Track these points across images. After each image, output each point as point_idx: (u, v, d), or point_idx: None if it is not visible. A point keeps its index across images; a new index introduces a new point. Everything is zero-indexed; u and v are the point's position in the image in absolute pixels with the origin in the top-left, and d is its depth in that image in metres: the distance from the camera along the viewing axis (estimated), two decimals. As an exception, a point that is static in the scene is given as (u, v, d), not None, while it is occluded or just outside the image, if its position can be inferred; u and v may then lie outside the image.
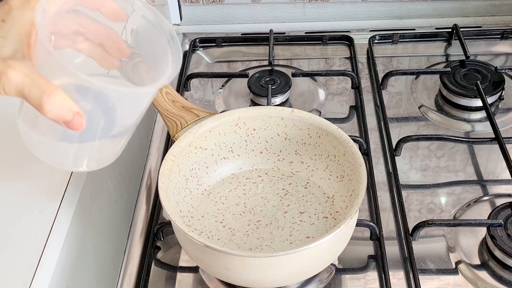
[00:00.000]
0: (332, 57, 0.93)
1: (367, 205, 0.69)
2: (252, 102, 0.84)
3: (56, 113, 0.44)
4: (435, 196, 0.70)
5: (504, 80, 0.82)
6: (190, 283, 0.63)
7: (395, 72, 0.85)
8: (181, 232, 0.54)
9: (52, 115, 0.44)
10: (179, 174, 0.63)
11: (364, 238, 0.65)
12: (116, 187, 0.75)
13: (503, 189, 0.71)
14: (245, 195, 0.66)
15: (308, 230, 0.62)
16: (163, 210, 0.68)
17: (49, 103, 0.43)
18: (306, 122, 0.66)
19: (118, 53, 0.51)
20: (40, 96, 0.43)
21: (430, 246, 0.65)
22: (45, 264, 0.55)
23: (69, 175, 0.63)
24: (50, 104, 0.43)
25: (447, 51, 0.94)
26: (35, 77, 0.43)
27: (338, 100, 0.85)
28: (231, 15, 1.00)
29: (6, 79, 0.42)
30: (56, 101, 0.43)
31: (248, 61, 0.93)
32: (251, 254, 0.56)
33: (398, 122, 0.81)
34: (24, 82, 0.43)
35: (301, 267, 0.55)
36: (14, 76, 0.42)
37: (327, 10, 0.99)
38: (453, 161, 0.75)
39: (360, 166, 0.59)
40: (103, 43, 0.51)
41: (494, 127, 0.74)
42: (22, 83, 0.43)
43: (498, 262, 0.62)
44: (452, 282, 0.61)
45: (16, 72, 0.42)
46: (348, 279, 0.62)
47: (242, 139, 0.68)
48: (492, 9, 0.99)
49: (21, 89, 0.43)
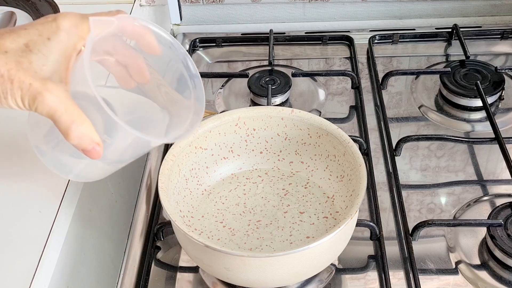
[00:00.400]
0: (332, 57, 0.93)
1: (367, 205, 0.69)
2: (252, 102, 0.84)
3: (79, 141, 0.45)
4: (435, 196, 0.70)
5: (504, 80, 0.82)
6: (190, 283, 0.63)
7: (395, 72, 0.85)
8: (181, 232, 0.54)
9: (74, 143, 0.46)
10: (179, 174, 0.63)
11: (364, 238, 0.65)
12: (116, 187, 0.75)
13: (503, 189, 0.71)
14: (245, 195, 0.66)
15: (308, 230, 0.62)
16: (163, 210, 0.68)
17: (76, 132, 0.45)
18: (306, 122, 0.66)
19: (138, 78, 0.53)
20: (69, 125, 0.44)
21: (430, 246, 0.65)
22: (45, 264, 0.55)
23: (69, 175, 0.63)
24: (76, 133, 0.45)
25: (447, 51, 0.94)
26: (68, 105, 0.44)
27: (338, 100, 0.85)
28: (231, 15, 1.00)
29: (41, 101, 0.44)
30: (82, 131, 0.45)
31: (248, 61, 0.93)
32: (251, 254, 0.56)
33: (398, 122, 0.81)
34: (57, 107, 0.44)
35: (301, 267, 0.55)
36: (49, 100, 0.43)
37: (327, 10, 0.99)
38: (453, 161, 0.75)
39: (360, 166, 0.59)
40: (127, 65, 0.53)
41: (494, 127, 0.74)
42: (55, 108, 0.44)
43: (498, 262, 0.62)
44: (452, 282, 0.61)
45: (52, 95, 0.44)
46: (348, 279, 0.62)
47: (242, 139, 0.68)
48: (492, 9, 0.99)
49: (53, 113, 0.44)
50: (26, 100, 0.44)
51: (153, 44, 0.51)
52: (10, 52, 0.44)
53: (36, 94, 0.43)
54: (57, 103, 0.44)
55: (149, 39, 0.50)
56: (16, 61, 0.43)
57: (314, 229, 0.62)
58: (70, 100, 0.44)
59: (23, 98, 0.44)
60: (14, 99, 0.44)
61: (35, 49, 0.44)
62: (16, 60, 0.43)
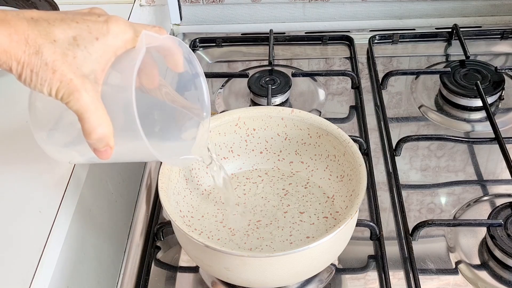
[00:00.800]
0: (332, 57, 0.93)
1: (367, 205, 0.69)
2: (252, 102, 0.84)
3: (95, 143, 0.46)
4: (435, 196, 0.70)
5: (504, 80, 0.82)
6: (190, 283, 0.63)
7: (395, 72, 0.85)
8: (181, 232, 0.54)
9: (91, 142, 0.46)
10: (179, 174, 0.63)
11: (364, 238, 0.65)
12: (116, 187, 0.75)
13: (503, 189, 0.71)
14: (245, 195, 0.66)
15: (308, 230, 0.62)
16: (163, 210, 0.68)
17: (98, 135, 0.45)
18: (306, 122, 0.66)
19: (148, 82, 0.54)
20: (94, 127, 0.45)
21: (430, 246, 0.65)
22: (45, 264, 0.55)
23: (69, 175, 0.63)
24: (97, 136, 0.45)
25: (447, 51, 0.94)
26: (98, 107, 0.45)
27: (338, 100, 0.85)
28: (231, 15, 1.00)
29: (77, 98, 0.44)
30: (103, 135, 0.46)
31: (248, 61, 0.93)
32: (251, 254, 0.56)
33: (398, 122, 0.81)
34: (88, 107, 0.44)
35: (301, 267, 0.55)
36: (84, 99, 0.44)
37: (327, 10, 0.99)
38: (453, 161, 0.75)
39: (360, 166, 0.59)
40: (142, 70, 0.53)
41: (494, 127, 0.74)
42: (87, 108, 0.44)
43: (498, 262, 0.62)
44: (452, 282, 0.61)
45: (88, 95, 0.44)
46: (348, 279, 0.62)
47: (242, 139, 0.68)
48: (492, 9, 0.99)
49: (83, 111, 0.45)
50: (61, 93, 0.44)
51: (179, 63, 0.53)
52: (59, 42, 0.44)
53: (74, 91, 0.44)
54: (90, 103, 0.44)
55: (178, 59, 0.52)
56: (62, 53, 0.44)
57: (314, 229, 0.62)
58: (100, 103, 0.45)
59: (59, 90, 0.44)
60: (49, 87, 0.44)
61: (82, 45, 0.45)
62: (62, 52, 0.44)
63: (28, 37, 0.43)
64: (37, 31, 0.43)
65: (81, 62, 0.45)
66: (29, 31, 0.43)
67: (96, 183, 0.68)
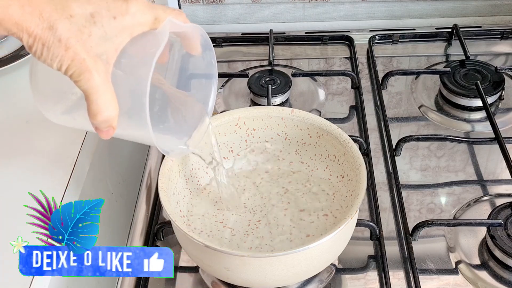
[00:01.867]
0: (332, 57, 0.93)
1: (367, 205, 0.69)
2: (252, 102, 0.84)
3: (99, 124, 0.45)
4: (435, 196, 0.70)
5: (504, 80, 0.82)
6: (190, 283, 0.63)
7: (395, 72, 0.85)
8: (181, 232, 0.54)
9: (95, 123, 0.45)
10: (179, 174, 0.63)
11: (364, 238, 0.65)
12: (116, 187, 0.75)
13: (503, 189, 0.71)
14: (245, 195, 0.66)
15: (308, 228, 0.62)
16: (163, 210, 0.68)
17: (103, 117, 0.44)
18: (306, 122, 0.66)
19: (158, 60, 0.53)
20: (101, 109, 0.44)
21: (430, 246, 0.65)
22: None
23: (69, 175, 0.63)
24: (102, 118, 0.44)
25: (447, 51, 0.94)
26: (107, 89, 0.44)
27: (338, 100, 0.85)
28: (231, 15, 1.00)
29: (87, 78, 0.43)
30: (108, 118, 0.45)
31: (248, 61, 0.93)
32: (251, 254, 0.56)
33: (398, 122, 0.81)
34: (98, 88, 0.43)
35: (301, 267, 0.55)
36: (94, 80, 0.43)
37: (327, 10, 0.99)
38: (453, 161, 0.75)
39: (360, 166, 0.59)
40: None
41: (494, 127, 0.74)
42: (96, 88, 0.43)
43: (498, 262, 0.62)
44: (452, 282, 0.61)
45: (99, 77, 0.43)
46: (348, 279, 0.62)
47: (242, 139, 0.68)
48: (492, 9, 0.99)
49: (92, 92, 0.43)
50: (71, 71, 0.43)
51: (197, 48, 0.52)
52: (75, 18, 0.42)
53: (85, 71, 0.42)
54: (99, 85, 0.43)
55: (195, 43, 0.52)
56: (78, 30, 0.42)
57: (314, 227, 0.62)
58: (110, 85, 0.44)
59: (69, 68, 0.42)
60: (60, 64, 0.42)
61: (99, 23, 0.43)
62: (78, 29, 0.42)
63: (43, 10, 0.41)
64: (53, 5, 0.42)
65: (95, 40, 0.43)
66: (44, 4, 0.41)
67: (96, 183, 0.68)
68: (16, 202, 0.61)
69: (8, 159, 0.65)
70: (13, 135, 0.68)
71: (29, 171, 0.63)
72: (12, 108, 0.72)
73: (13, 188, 0.62)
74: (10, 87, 0.76)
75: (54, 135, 0.68)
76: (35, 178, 0.63)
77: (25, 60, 0.77)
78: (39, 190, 0.46)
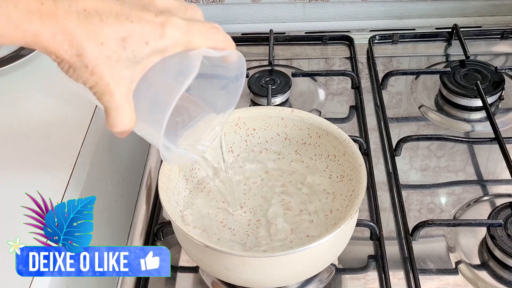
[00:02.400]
0: (332, 57, 0.93)
1: (367, 205, 0.69)
2: (252, 102, 0.84)
3: (114, 132, 0.45)
4: (435, 196, 0.70)
5: (504, 80, 0.82)
6: (190, 283, 0.63)
7: (395, 72, 0.85)
8: (181, 232, 0.54)
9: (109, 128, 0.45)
10: (179, 174, 0.63)
11: (364, 238, 0.65)
12: (116, 187, 0.75)
13: (503, 189, 0.71)
14: (245, 195, 0.66)
15: (308, 228, 0.61)
16: (163, 210, 0.68)
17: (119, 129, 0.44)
18: (306, 122, 0.66)
19: None
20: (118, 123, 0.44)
21: (430, 246, 0.65)
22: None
23: (69, 175, 0.63)
24: (119, 129, 0.44)
25: (447, 51, 0.94)
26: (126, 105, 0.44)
27: (338, 100, 0.85)
28: (231, 15, 1.00)
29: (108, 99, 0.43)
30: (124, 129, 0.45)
31: (248, 61, 0.92)
32: (251, 254, 0.56)
33: (398, 122, 0.81)
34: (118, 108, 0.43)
35: (301, 267, 0.55)
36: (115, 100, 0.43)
37: (327, 10, 0.99)
38: (453, 161, 0.75)
39: (360, 166, 0.59)
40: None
41: (494, 127, 0.74)
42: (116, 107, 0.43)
43: (498, 262, 0.62)
44: (452, 282, 0.61)
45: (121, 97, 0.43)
46: (348, 279, 0.62)
47: (242, 139, 0.68)
48: (492, 9, 0.99)
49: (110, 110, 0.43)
50: (94, 90, 0.42)
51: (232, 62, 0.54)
52: (105, 45, 0.41)
53: (107, 93, 0.42)
54: (120, 104, 0.43)
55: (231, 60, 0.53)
56: (106, 56, 0.41)
57: (314, 227, 0.62)
58: (130, 100, 0.44)
59: (92, 88, 0.42)
60: (83, 83, 0.42)
61: (129, 48, 0.42)
62: (107, 56, 0.41)
63: (73, 37, 0.40)
64: (86, 32, 0.40)
65: (123, 64, 0.42)
66: (77, 31, 0.40)
67: (96, 183, 0.68)
68: (15, 202, 0.61)
69: (8, 159, 0.65)
70: (13, 134, 0.68)
71: (29, 171, 0.63)
72: (12, 108, 0.72)
73: (13, 188, 0.62)
74: (10, 87, 0.76)
75: (54, 135, 0.68)
76: (35, 178, 0.63)
77: (25, 60, 0.77)
78: (35, 191, 0.46)
